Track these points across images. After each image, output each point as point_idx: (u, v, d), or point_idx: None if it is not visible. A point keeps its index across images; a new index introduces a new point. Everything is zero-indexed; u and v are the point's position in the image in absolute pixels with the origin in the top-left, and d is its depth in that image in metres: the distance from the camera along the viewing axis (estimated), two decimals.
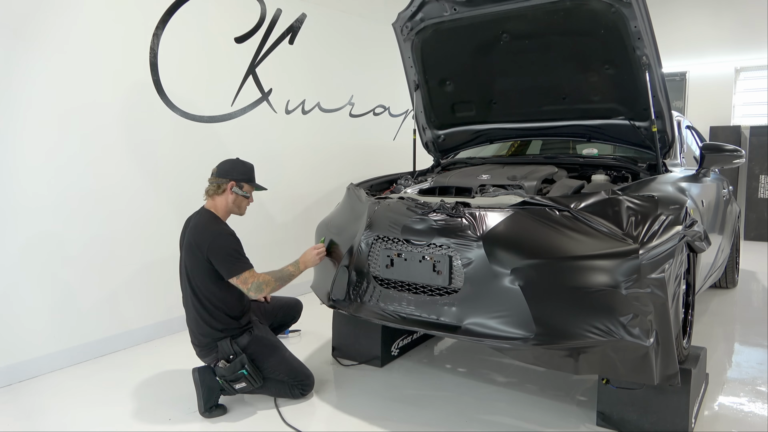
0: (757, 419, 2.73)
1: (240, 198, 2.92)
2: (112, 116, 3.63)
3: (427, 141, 3.98)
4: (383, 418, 2.76)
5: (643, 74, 2.87)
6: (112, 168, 3.64)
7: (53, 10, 3.28)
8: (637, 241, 2.21)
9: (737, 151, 3.59)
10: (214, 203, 2.91)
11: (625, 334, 2.15)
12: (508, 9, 3.00)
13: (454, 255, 2.51)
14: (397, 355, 3.50)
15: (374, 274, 2.81)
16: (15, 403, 2.98)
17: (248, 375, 2.74)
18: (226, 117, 4.42)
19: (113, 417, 2.80)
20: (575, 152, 3.69)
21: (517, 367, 3.36)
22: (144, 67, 3.79)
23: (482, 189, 3.03)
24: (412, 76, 3.67)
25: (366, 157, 5.84)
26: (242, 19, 4.48)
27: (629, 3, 2.68)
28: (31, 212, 3.25)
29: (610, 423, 2.59)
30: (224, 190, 2.88)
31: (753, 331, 4.02)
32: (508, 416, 2.78)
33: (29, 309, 3.28)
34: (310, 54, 5.15)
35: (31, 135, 3.23)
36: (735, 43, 7.91)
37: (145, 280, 3.88)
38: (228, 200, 2.90)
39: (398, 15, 3.37)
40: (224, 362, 2.76)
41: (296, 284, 3.48)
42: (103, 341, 3.64)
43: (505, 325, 2.33)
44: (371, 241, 2.74)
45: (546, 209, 2.38)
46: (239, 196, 2.91)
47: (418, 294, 2.65)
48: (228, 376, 2.75)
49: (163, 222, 3.96)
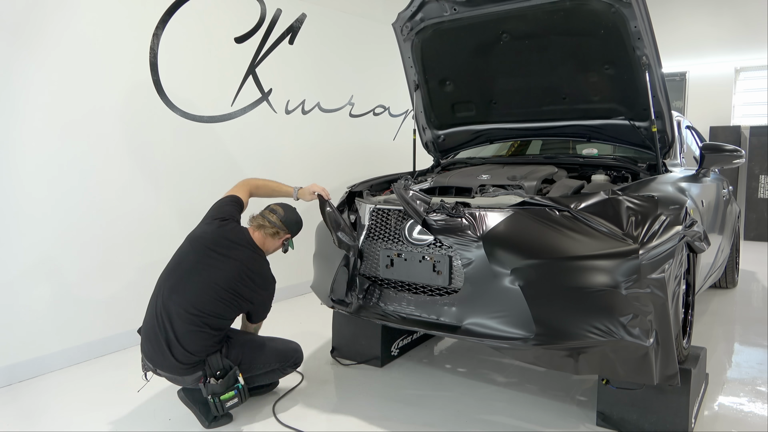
0: (757, 419, 2.73)
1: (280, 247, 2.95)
2: (112, 116, 3.63)
3: (427, 141, 3.98)
4: (383, 418, 2.76)
5: (643, 74, 2.87)
6: (112, 168, 3.64)
7: (52, 10, 3.27)
8: (637, 241, 2.21)
9: (737, 151, 3.59)
10: (263, 241, 2.85)
11: (625, 334, 2.15)
12: (508, 9, 2.99)
13: (454, 255, 2.51)
14: (397, 355, 3.50)
15: (374, 274, 2.82)
16: (15, 403, 2.98)
17: (242, 388, 2.61)
18: (226, 117, 4.42)
19: (113, 417, 2.80)
20: (575, 152, 3.69)
21: (517, 367, 3.36)
22: (144, 68, 3.79)
23: (482, 189, 3.03)
24: (412, 76, 3.67)
25: (366, 157, 5.84)
26: (242, 19, 4.48)
27: (629, 3, 2.68)
28: (31, 212, 3.25)
29: (610, 423, 2.59)
30: (280, 238, 2.90)
31: (753, 331, 4.02)
32: (508, 416, 2.78)
33: (29, 309, 3.28)
34: (310, 54, 5.15)
35: (31, 135, 3.23)
36: (735, 43, 7.91)
37: (145, 280, 3.87)
38: (276, 246, 2.92)
39: (398, 15, 3.37)
40: (214, 379, 2.57)
41: (296, 284, 3.48)
42: (103, 341, 3.64)
43: (505, 325, 2.33)
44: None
45: (546, 209, 2.38)
46: (279, 247, 2.94)
47: (418, 294, 2.65)
48: (221, 393, 2.57)
49: (163, 222, 3.96)
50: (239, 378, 2.63)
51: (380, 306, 2.76)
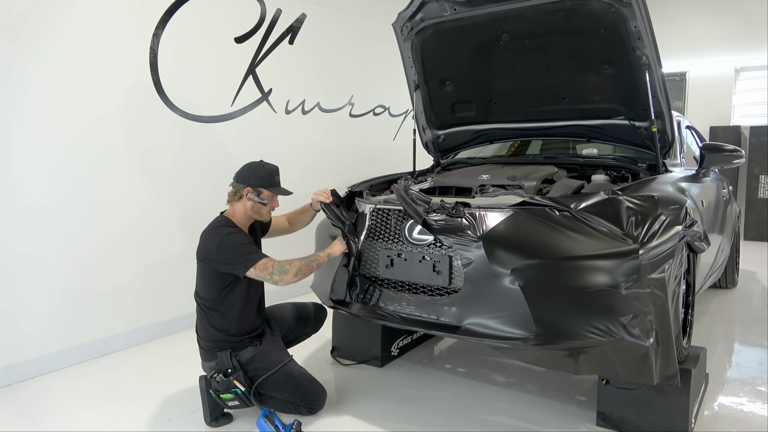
0: (757, 419, 2.73)
1: (258, 205, 2.73)
2: (112, 116, 3.63)
3: (427, 141, 3.98)
4: (383, 418, 2.76)
5: (643, 74, 2.87)
6: (112, 168, 3.64)
7: (52, 10, 3.27)
8: (637, 241, 2.21)
9: (737, 151, 3.59)
10: (233, 209, 2.75)
11: (625, 334, 2.15)
12: (508, 9, 2.99)
13: (454, 255, 2.51)
14: (397, 355, 3.50)
15: (374, 274, 2.82)
16: (15, 403, 2.98)
17: (241, 395, 2.62)
18: (226, 117, 4.42)
19: (113, 417, 2.80)
20: (575, 152, 3.69)
21: (517, 367, 3.36)
22: (144, 67, 3.79)
23: (482, 189, 3.03)
24: (412, 76, 3.67)
25: (366, 157, 5.84)
26: (242, 19, 4.48)
27: (629, 3, 2.68)
28: (30, 212, 3.25)
29: (610, 423, 2.59)
30: (241, 196, 2.72)
31: (753, 331, 4.02)
32: (508, 416, 2.78)
33: (29, 309, 3.28)
34: (310, 54, 5.15)
35: (31, 135, 3.23)
36: (735, 43, 7.91)
37: (145, 280, 3.88)
38: (246, 207, 2.72)
39: (398, 15, 3.37)
40: (221, 376, 2.62)
41: (296, 284, 3.49)
42: (103, 341, 3.64)
43: (505, 325, 2.33)
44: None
45: (546, 209, 2.38)
46: (256, 203, 2.73)
47: (418, 294, 2.65)
48: (221, 392, 2.63)
49: (163, 222, 3.96)
50: (237, 384, 2.61)
51: (380, 306, 2.76)
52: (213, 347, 2.70)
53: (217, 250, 2.61)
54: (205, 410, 2.71)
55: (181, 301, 4.11)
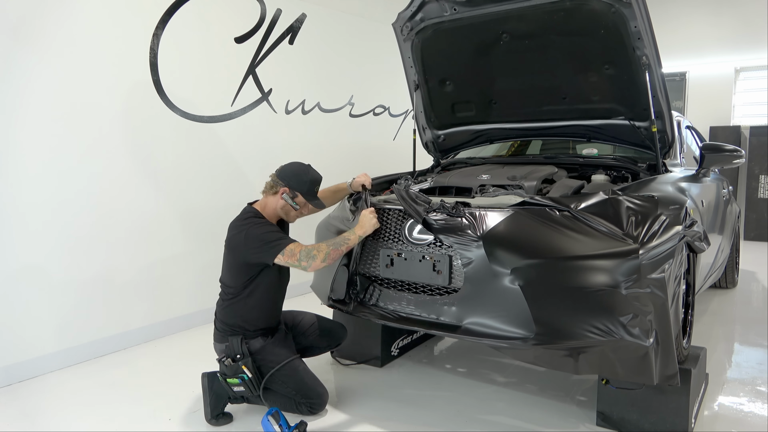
0: (757, 419, 2.73)
1: (288, 206, 2.77)
2: (112, 116, 3.63)
3: (427, 141, 3.98)
4: (383, 418, 2.77)
5: (643, 74, 2.87)
6: (112, 168, 3.64)
7: (52, 11, 3.28)
8: (637, 241, 2.21)
9: (737, 151, 3.59)
10: (265, 201, 2.79)
11: (624, 334, 2.15)
12: (508, 9, 2.99)
13: (454, 255, 2.51)
14: (397, 355, 3.50)
15: (374, 274, 2.82)
16: (15, 403, 2.98)
17: (247, 381, 2.66)
18: (226, 117, 4.42)
19: (113, 417, 2.80)
20: (575, 152, 3.69)
21: (517, 367, 3.36)
22: (144, 67, 3.79)
23: (482, 189, 3.03)
24: (412, 76, 3.67)
25: (366, 157, 5.84)
26: (242, 19, 4.48)
27: (629, 3, 2.68)
28: (30, 212, 3.25)
29: (610, 423, 2.60)
30: (276, 192, 2.76)
31: (753, 331, 4.02)
32: (508, 416, 2.78)
33: (29, 309, 3.28)
34: (310, 54, 5.15)
35: (31, 135, 3.23)
36: (735, 43, 7.91)
37: (145, 280, 3.88)
38: (278, 204, 2.76)
39: (398, 15, 3.37)
40: (230, 360, 2.68)
41: (296, 284, 3.48)
42: (103, 341, 3.64)
43: (505, 324, 2.33)
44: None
45: (546, 209, 2.38)
46: (287, 204, 2.76)
47: (418, 293, 2.65)
48: (228, 375, 2.70)
49: (163, 222, 3.96)
50: (244, 370, 2.66)
51: (380, 306, 2.76)
52: (227, 330, 2.75)
53: (245, 240, 2.65)
54: (206, 407, 2.72)
55: (182, 301, 4.12)
